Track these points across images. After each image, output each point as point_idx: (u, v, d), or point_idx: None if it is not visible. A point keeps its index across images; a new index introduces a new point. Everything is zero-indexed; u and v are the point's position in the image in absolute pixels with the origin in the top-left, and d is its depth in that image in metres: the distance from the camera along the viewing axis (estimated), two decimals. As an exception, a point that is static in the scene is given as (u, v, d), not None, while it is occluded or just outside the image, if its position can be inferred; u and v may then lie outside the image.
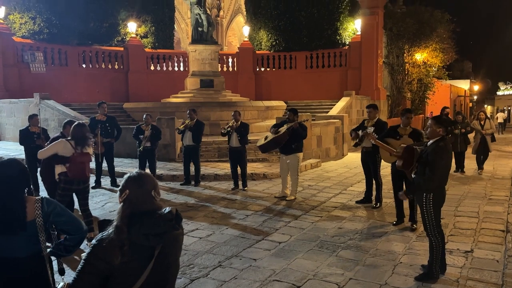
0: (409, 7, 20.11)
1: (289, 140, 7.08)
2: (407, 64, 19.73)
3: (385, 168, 6.93)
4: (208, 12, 19.52)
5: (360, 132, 6.62)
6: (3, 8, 14.95)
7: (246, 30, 20.45)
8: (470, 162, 10.71)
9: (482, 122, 10.34)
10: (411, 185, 4.17)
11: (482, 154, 10.36)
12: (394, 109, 19.38)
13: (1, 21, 14.80)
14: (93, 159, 5.59)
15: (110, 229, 1.77)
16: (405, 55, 19.55)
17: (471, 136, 10.33)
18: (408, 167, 4.20)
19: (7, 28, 15.22)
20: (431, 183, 3.90)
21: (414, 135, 5.65)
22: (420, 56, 19.83)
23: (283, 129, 7.12)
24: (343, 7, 18.66)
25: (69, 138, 4.98)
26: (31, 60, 15.06)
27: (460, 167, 10.16)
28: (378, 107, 7.49)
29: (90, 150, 5.08)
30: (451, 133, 9.35)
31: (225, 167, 9.80)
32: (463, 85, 40.00)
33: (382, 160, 6.09)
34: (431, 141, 4.02)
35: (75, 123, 5.07)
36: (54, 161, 4.97)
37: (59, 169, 4.97)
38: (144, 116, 8.43)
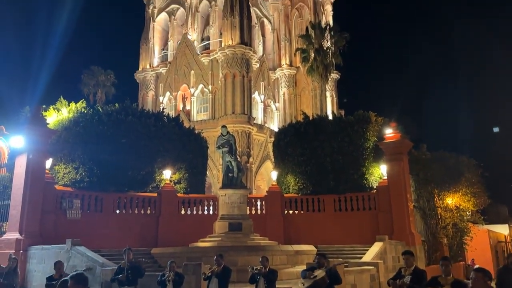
0: (434, 153, 20.71)
1: (329, 284, 6.67)
2: (439, 209, 19.39)
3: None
4: (239, 159, 20.71)
5: (398, 282, 6.19)
6: (50, 160, 16.37)
7: (274, 174, 21.19)
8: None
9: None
10: None
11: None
12: (431, 256, 18.33)
13: (47, 171, 16.03)
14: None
15: None
16: (435, 199, 19.37)
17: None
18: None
19: (51, 177, 16.40)
20: None
21: (457, 287, 5.23)
22: (451, 200, 19.59)
23: (320, 273, 6.77)
24: (367, 153, 19.40)
25: None
26: (68, 206, 15.78)
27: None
28: (415, 254, 7.15)
29: None
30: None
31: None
32: (502, 230, 38.11)
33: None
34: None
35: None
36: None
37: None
38: (169, 263, 8.32)
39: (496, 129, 45.53)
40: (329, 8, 43.64)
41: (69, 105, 18.72)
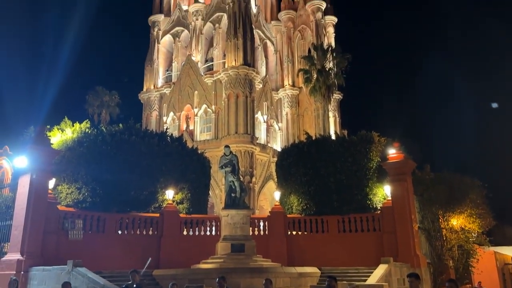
0: (437, 174, 20.62)
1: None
2: (444, 230, 19.18)
3: None
4: (241, 179, 20.67)
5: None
6: (53, 180, 16.39)
7: (277, 195, 21.10)
8: None
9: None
10: None
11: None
12: (437, 278, 18.04)
13: (50, 191, 16.04)
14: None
15: None
16: (440, 220, 19.19)
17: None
18: None
19: (54, 198, 16.39)
20: None
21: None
22: (456, 221, 19.40)
23: None
24: (371, 174, 19.33)
25: None
26: (70, 227, 15.72)
27: None
28: (420, 276, 7.05)
29: None
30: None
31: None
32: (508, 252, 37.51)
33: None
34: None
35: None
36: None
37: None
38: (170, 285, 8.24)
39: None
40: (331, 30, 44.24)
41: (73, 126, 18.87)
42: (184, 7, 41.97)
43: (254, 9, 40.85)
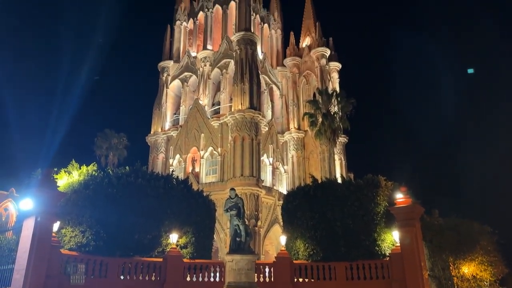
0: (446, 219, 20.25)
1: None
2: (455, 278, 18.56)
3: None
4: (247, 222, 20.40)
5: None
6: (58, 222, 16.30)
7: (283, 239, 20.69)
8: None
9: None
10: None
11: None
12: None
13: (54, 234, 15.90)
14: None
15: None
16: (451, 267, 18.62)
17: None
18: None
19: (58, 241, 16.21)
20: None
21: None
22: (467, 269, 18.81)
23: None
24: (379, 218, 19.02)
25: None
26: (72, 272, 15.43)
27: None
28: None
29: None
30: None
31: None
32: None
33: None
34: None
35: None
36: None
37: None
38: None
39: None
40: (335, 75, 45.23)
41: (80, 168, 19.00)
42: (193, 54, 43.38)
43: (260, 56, 42.10)
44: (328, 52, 44.39)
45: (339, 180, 23.99)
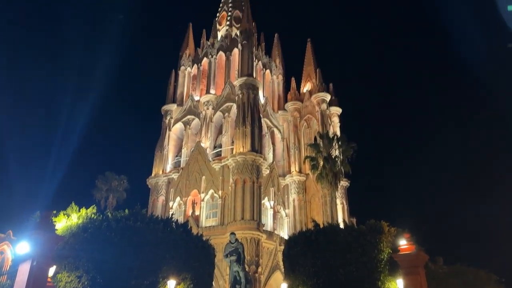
0: (451, 267, 19.77)
1: None
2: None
3: None
4: (247, 268, 19.93)
5: None
6: (54, 267, 15.92)
7: (284, 286, 20.10)
8: None
9: None
10: None
11: None
12: None
13: (49, 280, 15.48)
14: None
15: None
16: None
17: None
18: None
19: (53, 286, 15.78)
20: None
21: None
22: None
23: None
24: (382, 266, 18.55)
25: None
26: (66, 319, 14.88)
27: None
28: None
29: None
30: None
31: None
32: None
33: None
34: None
35: None
36: None
37: None
38: None
39: None
40: (336, 119, 45.81)
41: (79, 211, 18.84)
42: (196, 98, 44.27)
43: (262, 100, 42.91)
44: (328, 97, 45.22)
45: (342, 225, 23.63)
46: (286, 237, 33.89)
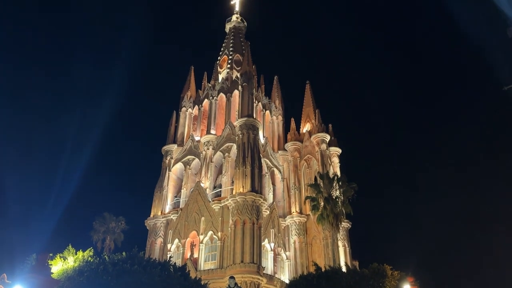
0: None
1: None
2: None
3: None
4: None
5: None
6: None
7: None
8: None
9: None
10: None
11: None
12: None
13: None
14: None
15: None
16: None
17: None
18: None
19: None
20: None
21: None
22: None
23: None
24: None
25: None
26: None
27: None
28: None
29: None
30: None
31: None
32: None
33: None
34: None
35: None
36: None
37: None
38: None
39: None
40: (336, 160, 45.83)
41: (76, 254, 18.46)
42: (197, 138, 44.56)
43: (262, 140, 43.16)
44: (328, 137, 45.50)
45: (344, 269, 23.08)
46: (287, 281, 32.98)
